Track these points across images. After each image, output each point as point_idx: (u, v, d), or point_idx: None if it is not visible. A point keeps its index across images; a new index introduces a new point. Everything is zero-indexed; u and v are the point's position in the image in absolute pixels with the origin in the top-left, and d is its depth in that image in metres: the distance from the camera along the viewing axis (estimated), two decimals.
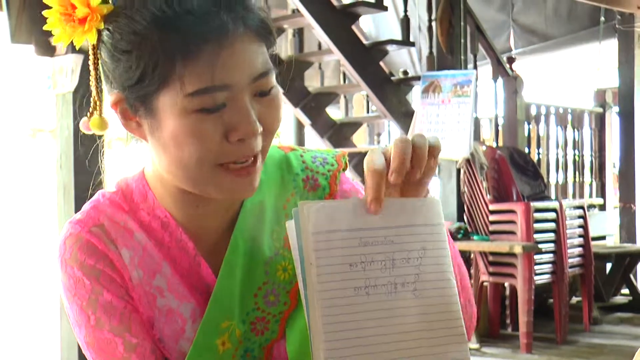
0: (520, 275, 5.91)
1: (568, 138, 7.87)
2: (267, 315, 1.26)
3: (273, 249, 1.28)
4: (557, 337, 6.17)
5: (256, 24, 1.14)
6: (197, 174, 1.15)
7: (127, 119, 1.18)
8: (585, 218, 6.62)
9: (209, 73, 1.09)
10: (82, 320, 1.22)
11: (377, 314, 1.04)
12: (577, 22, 8.71)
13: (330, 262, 1.02)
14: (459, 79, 6.11)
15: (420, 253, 1.07)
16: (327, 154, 1.38)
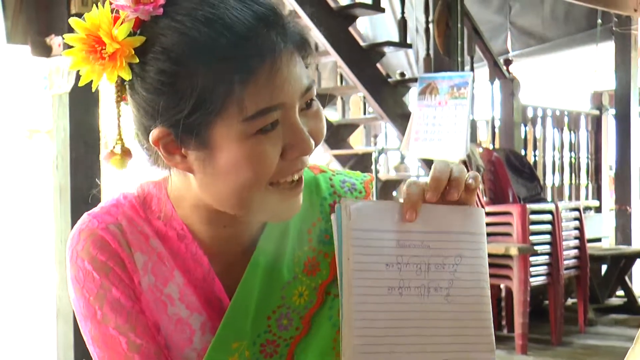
0: (515, 276, 5.91)
1: (564, 140, 7.88)
2: (278, 339, 1.26)
3: (292, 273, 1.27)
4: (553, 339, 6.20)
5: (297, 39, 1.14)
6: (251, 197, 1.14)
7: (170, 152, 1.14)
8: (581, 220, 6.64)
9: (268, 94, 1.08)
10: (88, 314, 1.22)
11: (408, 314, 1.06)
12: (574, 24, 8.73)
13: (367, 260, 1.05)
14: (456, 81, 6.11)
15: (456, 260, 1.09)
16: (356, 179, 1.36)
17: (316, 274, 1.28)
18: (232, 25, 1.07)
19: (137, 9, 1.10)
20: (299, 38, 1.14)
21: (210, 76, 1.07)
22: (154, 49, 1.10)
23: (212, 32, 1.07)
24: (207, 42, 1.07)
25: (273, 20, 1.10)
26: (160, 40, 1.10)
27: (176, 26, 1.09)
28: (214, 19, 1.08)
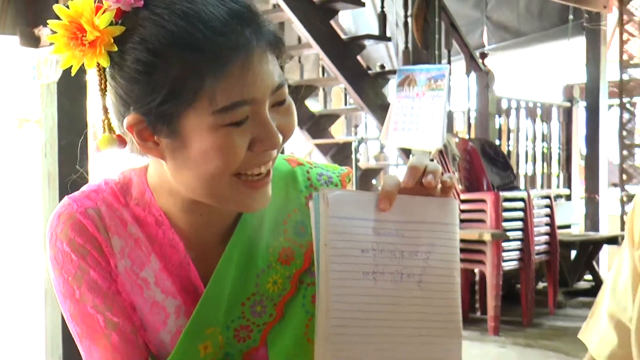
0: (489, 261, 5.94)
1: (537, 131, 7.91)
2: (251, 325, 1.26)
3: (267, 262, 1.27)
4: (524, 321, 6.23)
5: (270, 37, 1.14)
6: (218, 186, 1.14)
7: (143, 139, 1.15)
8: (552, 208, 6.66)
9: (239, 88, 1.09)
10: (67, 293, 1.23)
11: (381, 299, 1.07)
12: (548, 19, 8.79)
13: (343, 246, 1.06)
14: (433, 73, 6.14)
15: (429, 248, 1.10)
16: (332, 172, 1.37)
17: (290, 263, 1.28)
18: (207, 20, 1.08)
19: (119, 0, 1.11)
20: (272, 37, 1.14)
21: (183, 68, 1.07)
22: (132, 39, 1.10)
23: (188, 26, 1.08)
24: (182, 35, 1.08)
25: (248, 17, 1.11)
26: (139, 30, 1.10)
27: (155, 18, 1.10)
28: (190, 13, 1.08)
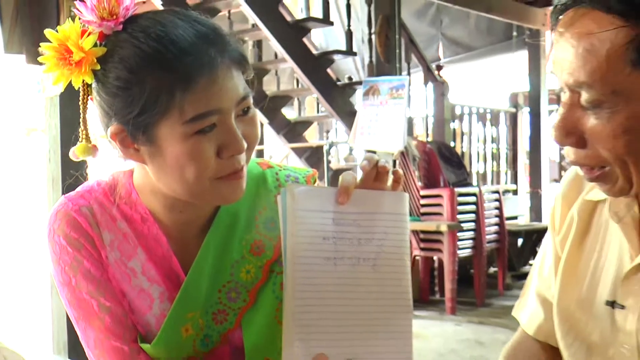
0: (445, 249, 5.97)
1: (487, 134, 7.93)
2: (227, 309, 1.26)
3: (240, 253, 1.28)
4: (477, 301, 6.26)
5: (235, 55, 1.15)
6: (197, 187, 1.14)
7: (125, 146, 1.16)
8: (501, 201, 6.68)
9: (205, 101, 1.09)
10: (64, 281, 1.23)
11: (341, 280, 1.07)
12: (495, 35, 8.80)
13: (307, 234, 1.06)
14: (395, 84, 6.12)
15: (382, 235, 1.10)
16: (299, 174, 1.37)
17: (262, 254, 1.28)
18: (177, 42, 1.09)
19: (102, 24, 1.13)
20: (237, 55, 1.15)
21: (156, 83, 1.08)
22: (113, 58, 1.12)
23: (160, 47, 1.09)
24: (155, 55, 1.09)
25: (213, 38, 1.12)
26: (118, 51, 1.12)
27: (132, 40, 1.11)
28: (162, 35, 1.09)
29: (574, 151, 1.08)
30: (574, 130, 1.05)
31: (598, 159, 1.05)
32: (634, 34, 0.96)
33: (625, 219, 1.16)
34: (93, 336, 1.24)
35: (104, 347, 1.23)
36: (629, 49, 0.97)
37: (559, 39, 1.04)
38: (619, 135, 1.01)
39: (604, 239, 1.23)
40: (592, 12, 1.00)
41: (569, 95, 1.05)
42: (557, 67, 1.05)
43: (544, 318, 1.35)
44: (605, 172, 1.07)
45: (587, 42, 0.99)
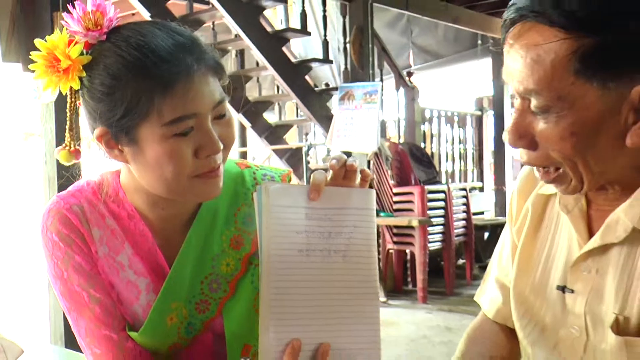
0: (417, 243, 5.99)
1: (455, 135, 7.96)
2: (209, 299, 1.27)
3: (221, 247, 1.28)
4: (447, 290, 6.30)
5: (211, 63, 1.15)
6: (176, 186, 1.14)
7: (110, 147, 1.16)
8: (468, 198, 6.72)
9: (182, 105, 1.09)
10: (57, 274, 1.23)
11: (313, 271, 1.07)
12: (461, 44, 8.83)
13: (282, 228, 1.05)
14: (369, 89, 6.14)
15: (351, 229, 1.10)
16: (275, 173, 1.37)
17: (240, 248, 1.29)
18: (156, 50, 1.09)
19: (87, 35, 1.14)
20: (213, 62, 1.15)
21: (137, 89, 1.09)
22: (98, 66, 1.12)
23: (140, 55, 1.09)
24: (135, 62, 1.09)
25: (189, 47, 1.12)
26: (103, 59, 1.12)
27: (115, 49, 1.11)
28: (142, 44, 1.10)
29: (526, 152, 1.09)
30: (525, 133, 1.06)
31: (548, 159, 1.06)
32: (577, 46, 0.97)
33: (573, 211, 1.17)
34: (84, 325, 1.24)
35: (95, 335, 1.24)
36: (572, 59, 0.97)
37: (509, 50, 1.04)
38: (566, 138, 1.02)
39: (556, 229, 1.24)
40: (537, 25, 1.00)
41: (520, 102, 1.06)
42: (509, 76, 1.06)
43: (502, 302, 1.37)
44: (560, 174, 1.08)
45: (534, 53, 1.00)
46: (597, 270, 1.13)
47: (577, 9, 0.96)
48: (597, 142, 1.02)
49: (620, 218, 1.08)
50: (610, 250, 1.11)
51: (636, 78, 0.98)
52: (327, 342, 1.06)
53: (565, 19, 0.97)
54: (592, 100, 0.99)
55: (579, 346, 1.15)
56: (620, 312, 1.08)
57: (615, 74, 0.97)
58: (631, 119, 1.00)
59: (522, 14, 1.02)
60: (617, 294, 1.09)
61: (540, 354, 1.22)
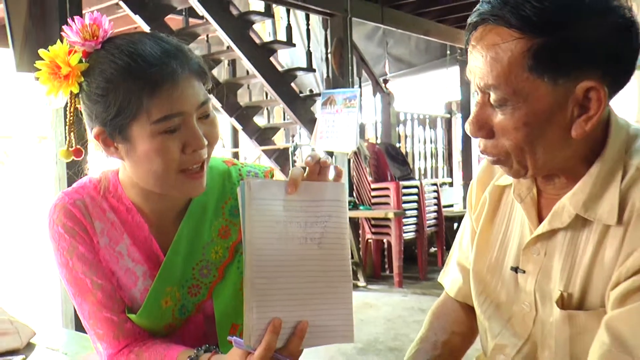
0: (393, 233, 6.01)
1: (426, 136, 7.97)
2: (200, 284, 1.27)
3: (210, 236, 1.29)
4: (420, 275, 6.32)
5: (195, 68, 1.15)
6: (165, 180, 1.15)
7: (107, 145, 1.17)
8: (439, 192, 6.75)
9: (168, 105, 1.10)
10: (62, 263, 1.24)
11: (291, 256, 1.07)
12: (432, 54, 8.83)
13: (263, 219, 1.05)
14: (348, 95, 6.14)
15: (325, 218, 1.10)
16: (259, 169, 1.38)
17: (228, 237, 1.29)
18: (144, 56, 1.10)
19: (84, 44, 1.14)
20: (197, 67, 1.15)
21: (127, 91, 1.09)
22: (94, 71, 1.13)
23: (131, 61, 1.10)
24: (126, 66, 1.10)
25: (175, 54, 1.13)
26: (98, 65, 1.13)
27: (109, 56, 1.12)
28: (132, 51, 1.11)
29: (484, 142, 1.10)
30: (484, 124, 1.08)
31: (501, 148, 1.07)
32: (530, 45, 0.99)
33: (526, 200, 1.18)
34: (87, 309, 1.24)
35: (97, 317, 1.24)
36: (525, 56, 0.99)
37: (472, 51, 1.06)
38: (520, 127, 1.03)
39: (510, 216, 1.25)
40: (496, 27, 1.02)
41: (481, 96, 1.08)
42: (471, 74, 1.08)
43: (463, 282, 1.38)
44: (503, 158, 1.09)
45: (493, 52, 1.02)
46: (546, 253, 1.14)
47: (532, 13, 0.98)
48: (547, 133, 1.03)
49: (566, 205, 1.10)
50: (557, 234, 1.12)
51: (581, 76, 1.00)
52: (305, 320, 1.06)
53: (521, 21, 0.99)
54: (543, 94, 1.01)
55: (529, 320, 1.16)
56: (565, 289, 1.10)
57: (563, 71, 0.99)
58: (576, 112, 1.02)
59: (484, 17, 1.04)
60: (562, 274, 1.11)
61: (495, 327, 1.23)
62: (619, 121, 1.10)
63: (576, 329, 1.08)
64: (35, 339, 1.67)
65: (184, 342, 1.24)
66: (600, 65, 1.00)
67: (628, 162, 1.06)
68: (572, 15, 0.98)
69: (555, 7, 0.98)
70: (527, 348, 1.16)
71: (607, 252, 1.05)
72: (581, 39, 0.98)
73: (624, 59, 1.02)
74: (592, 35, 0.98)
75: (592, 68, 0.99)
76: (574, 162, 1.09)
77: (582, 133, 1.03)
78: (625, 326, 0.99)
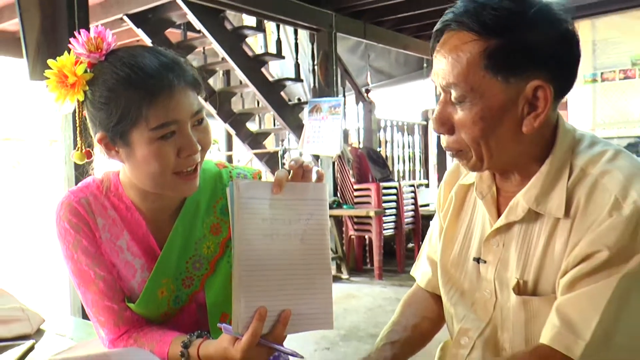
0: (374, 230, 6.02)
1: (405, 141, 7.97)
2: (193, 276, 1.28)
3: (202, 233, 1.29)
4: (398, 269, 6.32)
5: (190, 79, 1.16)
6: (161, 181, 1.16)
7: (109, 149, 1.18)
8: (416, 193, 6.75)
9: (165, 113, 1.10)
10: (68, 256, 1.24)
11: (276, 251, 1.07)
12: (410, 66, 8.82)
13: (250, 217, 1.05)
14: (333, 103, 6.15)
15: (308, 216, 1.10)
16: (248, 172, 1.38)
17: (219, 233, 1.30)
18: (143, 68, 1.11)
19: (89, 56, 1.15)
20: (192, 79, 1.16)
21: (128, 100, 1.10)
22: (98, 81, 1.14)
23: (131, 72, 1.11)
24: (127, 77, 1.11)
25: (172, 66, 1.13)
26: (102, 76, 1.14)
27: (111, 67, 1.13)
28: (133, 63, 1.12)
29: (446, 138, 1.12)
30: (446, 121, 1.10)
31: (461, 142, 1.10)
32: (485, 46, 1.02)
33: (487, 197, 1.20)
34: (90, 298, 1.25)
35: (99, 306, 1.25)
36: (481, 56, 1.03)
37: (437, 55, 1.09)
38: (476, 122, 1.06)
39: (473, 212, 1.27)
40: (458, 32, 1.05)
41: (443, 95, 1.10)
42: (435, 75, 1.10)
43: (432, 274, 1.39)
44: (462, 152, 1.12)
45: (454, 54, 1.05)
46: (504, 244, 1.16)
47: (488, 19, 1.01)
48: (500, 127, 1.06)
49: (520, 201, 1.12)
50: (513, 227, 1.14)
51: (530, 76, 1.03)
52: (288, 309, 1.07)
53: (479, 25, 1.02)
54: (497, 92, 1.04)
55: (490, 305, 1.18)
56: (520, 277, 1.12)
57: (514, 70, 1.03)
58: (526, 110, 1.05)
59: (447, 23, 1.07)
60: (518, 263, 1.12)
61: (460, 313, 1.24)
62: (567, 126, 1.13)
63: (530, 313, 1.10)
64: (45, 326, 1.68)
65: (178, 329, 1.25)
66: (546, 67, 1.03)
67: (574, 163, 1.09)
68: (522, 21, 1.01)
69: (509, 13, 1.01)
70: (488, 330, 1.18)
71: (557, 243, 1.08)
72: (529, 42, 1.01)
73: (566, 65, 1.06)
74: (539, 40, 1.01)
75: (540, 69, 1.03)
76: (526, 160, 1.11)
77: (532, 129, 1.06)
78: (573, 310, 1.01)
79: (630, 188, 1.01)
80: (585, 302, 1.00)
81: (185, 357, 1.15)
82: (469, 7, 1.04)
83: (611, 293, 0.98)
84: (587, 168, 1.07)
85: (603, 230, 1.00)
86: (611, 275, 0.99)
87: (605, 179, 1.04)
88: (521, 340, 1.12)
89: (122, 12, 5.62)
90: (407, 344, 1.26)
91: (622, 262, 0.98)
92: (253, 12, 5.95)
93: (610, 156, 1.08)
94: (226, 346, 1.07)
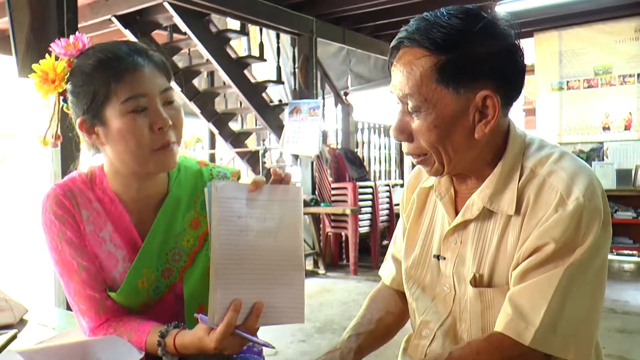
0: (350, 227, 6.04)
1: (381, 142, 7.97)
2: (173, 268, 1.29)
3: (183, 227, 1.30)
4: (373, 265, 6.36)
5: (157, 61, 1.20)
6: (140, 157, 1.17)
7: (90, 133, 1.20)
8: (391, 192, 6.79)
9: (132, 87, 1.15)
10: (52, 246, 1.25)
11: (251, 247, 1.09)
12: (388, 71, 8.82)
13: (226, 215, 1.07)
14: (313, 105, 6.17)
15: (281, 215, 1.11)
16: (227, 171, 1.39)
17: (198, 227, 1.31)
18: (113, 52, 1.17)
19: (67, 54, 1.22)
20: (159, 61, 1.21)
21: (99, 79, 1.16)
22: (74, 72, 1.19)
23: (102, 55, 1.17)
24: (98, 60, 1.17)
25: (140, 50, 1.19)
26: (78, 66, 1.19)
27: (85, 57, 1.20)
28: (104, 48, 1.18)
29: (406, 145, 1.16)
30: (404, 129, 1.14)
31: (420, 149, 1.14)
32: (435, 61, 1.07)
33: (445, 198, 1.24)
34: (73, 287, 1.25)
35: (81, 295, 1.25)
36: (433, 70, 1.07)
37: (394, 69, 1.13)
38: (431, 129, 1.10)
39: (434, 213, 1.30)
40: (412, 49, 1.10)
41: (401, 106, 1.14)
42: (394, 87, 1.14)
43: (396, 272, 1.42)
44: (425, 158, 1.16)
45: (409, 68, 1.09)
46: (461, 241, 1.20)
47: (437, 36, 1.06)
48: (454, 134, 1.10)
49: (475, 200, 1.16)
50: (469, 225, 1.18)
51: (479, 86, 1.08)
52: (261, 301, 1.08)
53: (429, 42, 1.07)
54: (448, 102, 1.08)
55: (449, 299, 1.22)
56: (477, 271, 1.15)
57: (463, 82, 1.07)
58: (477, 117, 1.10)
59: (401, 41, 1.11)
60: (474, 258, 1.16)
61: (421, 307, 1.27)
62: (517, 131, 1.18)
63: (485, 303, 1.14)
64: (28, 316, 1.67)
65: (157, 319, 1.26)
66: (493, 78, 1.08)
67: (524, 165, 1.14)
68: (468, 37, 1.06)
69: (455, 31, 1.06)
70: (447, 322, 1.21)
71: (509, 238, 1.12)
72: (476, 56, 1.06)
73: (512, 75, 1.10)
74: (485, 53, 1.06)
75: (487, 80, 1.07)
76: (481, 164, 1.16)
77: (483, 135, 1.10)
78: (524, 299, 1.06)
79: (574, 186, 1.06)
80: (534, 292, 1.05)
81: (161, 346, 1.16)
82: (420, 25, 1.09)
83: (557, 282, 1.03)
84: (535, 169, 1.12)
85: (550, 224, 1.05)
86: (557, 267, 1.04)
87: (552, 178, 1.09)
88: (478, 330, 1.16)
89: (110, 13, 5.58)
90: (371, 336, 1.29)
91: (567, 254, 1.04)
92: (237, 16, 5.95)
93: (556, 157, 1.13)
94: (201, 335, 1.09)
